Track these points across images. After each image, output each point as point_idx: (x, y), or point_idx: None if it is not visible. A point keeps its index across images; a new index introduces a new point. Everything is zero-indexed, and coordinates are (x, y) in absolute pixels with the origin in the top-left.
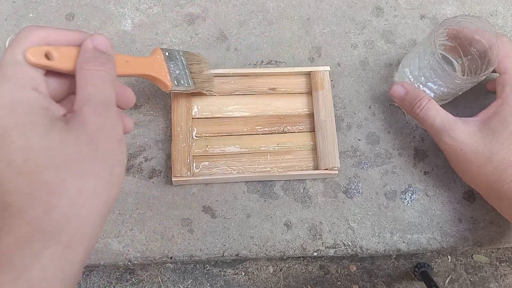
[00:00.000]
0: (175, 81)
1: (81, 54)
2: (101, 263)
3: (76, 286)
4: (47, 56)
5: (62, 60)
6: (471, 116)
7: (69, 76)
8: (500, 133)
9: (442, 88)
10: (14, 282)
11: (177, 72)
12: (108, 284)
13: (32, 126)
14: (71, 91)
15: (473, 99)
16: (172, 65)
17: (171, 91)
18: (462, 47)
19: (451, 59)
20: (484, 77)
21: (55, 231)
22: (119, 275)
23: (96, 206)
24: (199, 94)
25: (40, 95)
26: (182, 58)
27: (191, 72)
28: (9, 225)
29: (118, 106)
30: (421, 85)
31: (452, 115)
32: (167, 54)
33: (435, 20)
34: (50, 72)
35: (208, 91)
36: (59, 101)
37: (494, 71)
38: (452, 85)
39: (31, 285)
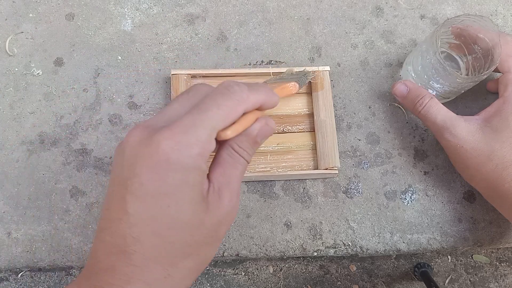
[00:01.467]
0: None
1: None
2: None
3: None
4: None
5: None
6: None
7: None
8: (501, 132)
9: (444, 87)
10: None
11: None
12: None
13: (190, 200)
14: None
15: (473, 99)
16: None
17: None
18: (466, 45)
19: (456, 57)
20: (485, 76)
21: None
22: None
23: (192, 280)
24: None
25: (206, 171)
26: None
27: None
28: (121, 267)
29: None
30: (423, 84)
31: None
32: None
33: (435, 20)
34: None
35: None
36: None
37: (497, 71)
38: (454, 84)
39: None
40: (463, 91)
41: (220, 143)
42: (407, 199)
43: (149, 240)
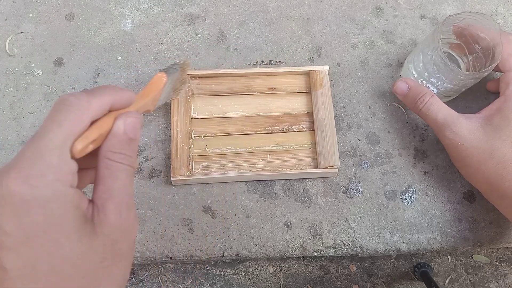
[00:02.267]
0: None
1: (109, 139)
2: None
3: None
4: (92, 143)
5: (99, 141)
6: None
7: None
8: (502, 130)
9: (445, 84)
10: None
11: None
12: None
13: (65, 231)
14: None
15: (473, 99)
16: (166, 90)
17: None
18: (467, 44)
19: (456, 57)
20: (487, 73)
21: None
22: None
23: None
24: (198, 94)
25: (75, 192)
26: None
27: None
28: None
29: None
30: (424, 81)
31: None
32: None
33: (435, 20)
34: None
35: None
36: None
37: (498, 70)
38: (455, 80)
39: None
40: (464, 89)
41: (98, 159)
42: (407, 199)
43: (34, 285)
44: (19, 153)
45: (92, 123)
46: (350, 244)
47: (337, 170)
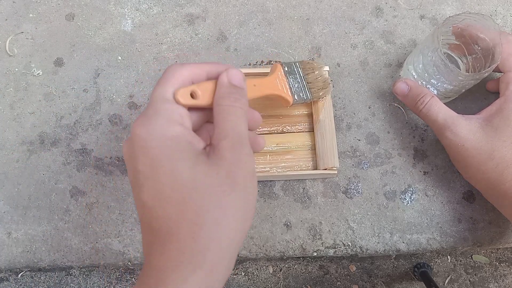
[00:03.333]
0: (295, 96)
1: (217, 89)
2: (101, 263)
3: None
4: (192, 95)
5: (204, 97)
6: None
7: (206, 108)
8: (502, 131)
9: (445, 85)
10: None
11: (296, 86)
12: (108, 284)
13: (180, 159)
14: (207, 120)
15: (473, 100)
16: (291, 79)
17: (291, 105)
18: (466, 45)
19: (456, 58)
20: (486, 73)
21: (200, 257)
22: (119, 275)
23: (233, 237)
24: None
25: (186, 130)
26: (299, 69)
27: (308, 82)
28: (160, 249)
29: (248, 129)
30: (424, 82)
31: None
32: (286, 69)
33: (434, 21)
34: (190, 107)
35: (323, 98)
36: (197, 130)
37: (497, 70)
38: (455, 81)
39: None
40: (463, 90)
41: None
42: (407, 199)
43: (165, 209)
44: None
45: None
46: (350, 244)
47: (336, 172)
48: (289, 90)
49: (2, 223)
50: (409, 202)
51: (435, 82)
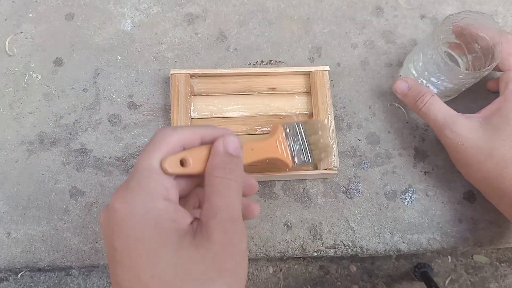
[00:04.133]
0: (296, 159)
1: (211, 158)
2: (101, 263)
3: None
4: (182, 162)
5: (195, 165)
6: None
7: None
8: (502, 130)
9: (445, 84)
10: None
11: (297, 148)
12: (108, 284)
13: (161, 243)
14: (198, 184)
15: (473, 99)
16: (292, 141)
17: (291, 169)
18: (466, 44)
19: (456, 56)
20: (487, 72)
21: None
22: None
23: None
24: (198, 94)
25: (171, 206)
26: (302, 131)
27: (310, 144)
28: None
29: (243, 195)
30: (424, 81)
31: None
32: (288, 130)
33: (435, 20)
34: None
35: (324, 159)
36: (185, 195)
37: (497, 69)
38: (455, 80)
39: None
40: (463, 89)
41: (204, 181)
42: (407, 199)
43: None
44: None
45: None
46: (350, 245)
47: (336, 172)
48: (289, 153)
49: (2, 223)
50: (410, 202)
51: (435, 81)
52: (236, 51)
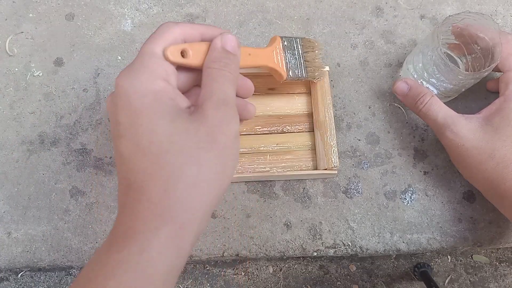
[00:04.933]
0: (290, 72)
1: (209, 52)
2: None
3: (182, 269)
4: (183, 53)
5: (195, 57)
6: None
7: (196, 71)
8: (502, 130)
9: (445, 84)
10: (138, 254)
11: (292, 62)
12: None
13: (160, 113)
14: (196, 84)
15: (473, 99)
16: (289, 55)
17: (285, 81)
18: (466, 45)
19: (455, 57)
20: (486, 73)
21: (171, 211)
22: None
23: (207, 195)
24: None
25: (169, 86)
26: (299, 46)
27: (305, 61)
28: (132, 202)
29: (239, 96)
30: (424, 82)
31: None
32: (285, 43)
33: (435, 20)
34: (180, 67)
35: (318, 79)
36: (185, 92)
37: (497, 70)
38: (455, 81)
39: (151, 258)
40: (463, 90)
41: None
42: (407, 199)
43: (140, 162)
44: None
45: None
46: (350, 244)
47: (336, 172)
48: (284, 65)
49: (2, 223)
50: (409, 202)
51: (435, 81)
52: None
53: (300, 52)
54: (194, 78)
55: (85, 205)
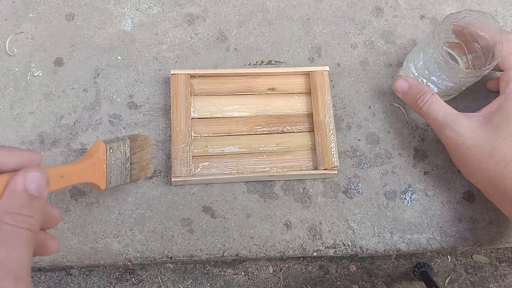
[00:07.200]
0: (111, 181)
1: (5, 197)
2: (101, 263)
3: None
4: None
5: None
6: None
7: None
8: (502, 129)
9: (445, 82)
10: None
11: (116, 169)
12: (108, 284)
13: None
14: None
15: (473, 98)
16: (113, 161)
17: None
18: (466, 44)
19: (456, 56)
20: (487, 71)
21: None
22: (119, 275)
23: None
24: (198, 94)
25: None
26: (127, 149)
27: (131, 164)
28: None
29: (41, 228)
30: (425, 80)
31: None
32: (110, 150)
33: (435, 20)
34: None
35: (145, 177)
36: None
37: (497, 69)
38: (455, 79)
39: None
40: (464, 88)
41: None
42: (407, 199)
43: None
44: None
45: None
46: (350, 244)
47: (336, 172)
48: (105, 176)
49: None
50: (409, 202)
51: (436, 80)
52: (236, 51)
53: (127, 155)
54: None
55: (85, 205)
